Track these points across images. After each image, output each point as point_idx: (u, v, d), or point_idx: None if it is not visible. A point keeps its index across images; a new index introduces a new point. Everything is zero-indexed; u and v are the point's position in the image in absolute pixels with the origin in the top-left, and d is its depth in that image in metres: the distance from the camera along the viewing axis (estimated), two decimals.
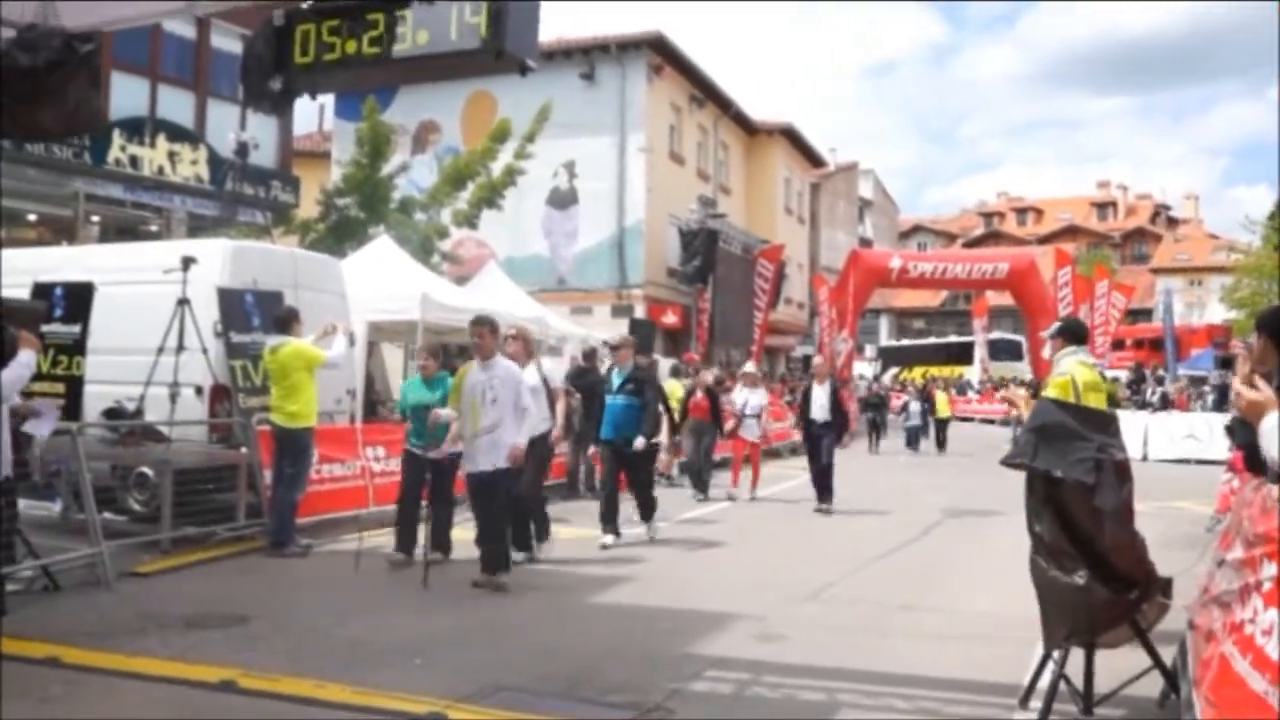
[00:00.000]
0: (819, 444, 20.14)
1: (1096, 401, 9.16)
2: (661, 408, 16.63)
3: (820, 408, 20.18)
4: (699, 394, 22.11)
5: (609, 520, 15.00)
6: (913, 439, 37.78)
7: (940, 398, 39.54)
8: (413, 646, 9.05)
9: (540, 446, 13.85)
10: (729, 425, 22.91)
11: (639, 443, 14.83)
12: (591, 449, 17.27)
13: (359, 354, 18.99)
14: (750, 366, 24.69)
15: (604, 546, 14.57)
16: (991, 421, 50.03)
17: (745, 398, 22.35)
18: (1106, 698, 6.97)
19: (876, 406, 39.50)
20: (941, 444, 37.87)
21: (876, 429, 38.38)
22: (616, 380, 15.25)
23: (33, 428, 10.82)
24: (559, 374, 18.70)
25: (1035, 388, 34.21)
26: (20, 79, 7.74)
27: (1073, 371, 9.49)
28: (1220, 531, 9.28)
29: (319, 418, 14.25)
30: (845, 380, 20.75)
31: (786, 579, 12.51)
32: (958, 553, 14.73)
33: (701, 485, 21.64)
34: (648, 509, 15.67)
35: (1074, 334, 10.19)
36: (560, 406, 15.24)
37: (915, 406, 38.88)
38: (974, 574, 11.96)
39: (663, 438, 16.45)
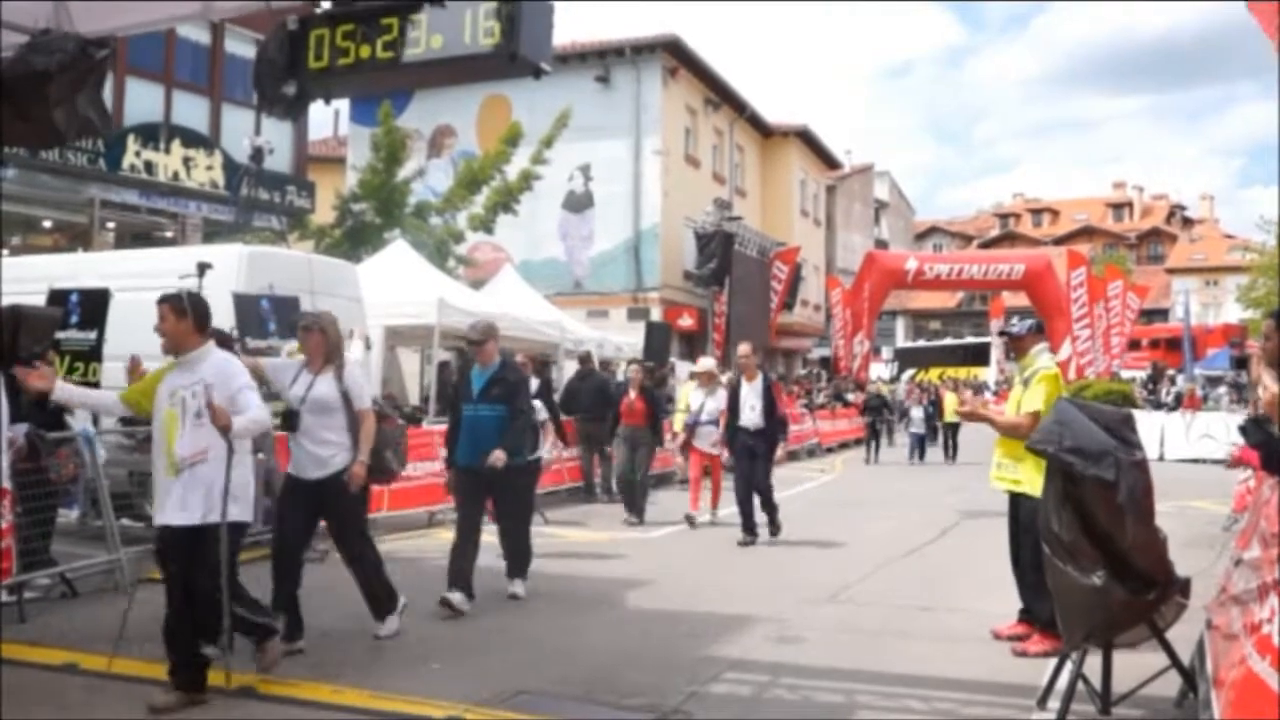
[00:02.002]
0: (752, 460, 16.19)
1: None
2: (548, 417, 15.49)
3: (752, 411, 16.17)
4: (632, 394, 18.79)
5: (459, 581, 10.86)
6: (917, 448, 33.50)
7: (949, 400, 33.67)
8: (430, 651, 9.07)
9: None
10: (680, 435, 18.32)
11: (496, 456, 10.56)
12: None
13: (375, 359, 19.01)
14: (706, 363, 19.21)
15: (450, 606, 10.61)
16: None
17: (700, 401, 17.66)
18: (1124, 697, 6.95)
19: (876, 410, 35.45)
20: (951, 452, 33.32)
21: (876, 437, 34.54)
22: (477, 384, 11.09)
23: None
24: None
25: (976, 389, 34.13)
26: (29, 83, 7.75)
27: (1054, 367, 9.56)
28: (1238, 531, 9.26)
29: None
30: (779, 388, 16.66)
31: (804, 581, 12.51)
32: (975, 554, 14.69)
33: (635, 506, 18.05)
34: (518, 558, 11.66)
35: (1044, 330, 10.25)
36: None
37: (918, 412, 34.70)
38: (991, 575, 11.91)
39: (544, 451, 13.85)
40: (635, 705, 7.63)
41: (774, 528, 16.20)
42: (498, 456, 10.60)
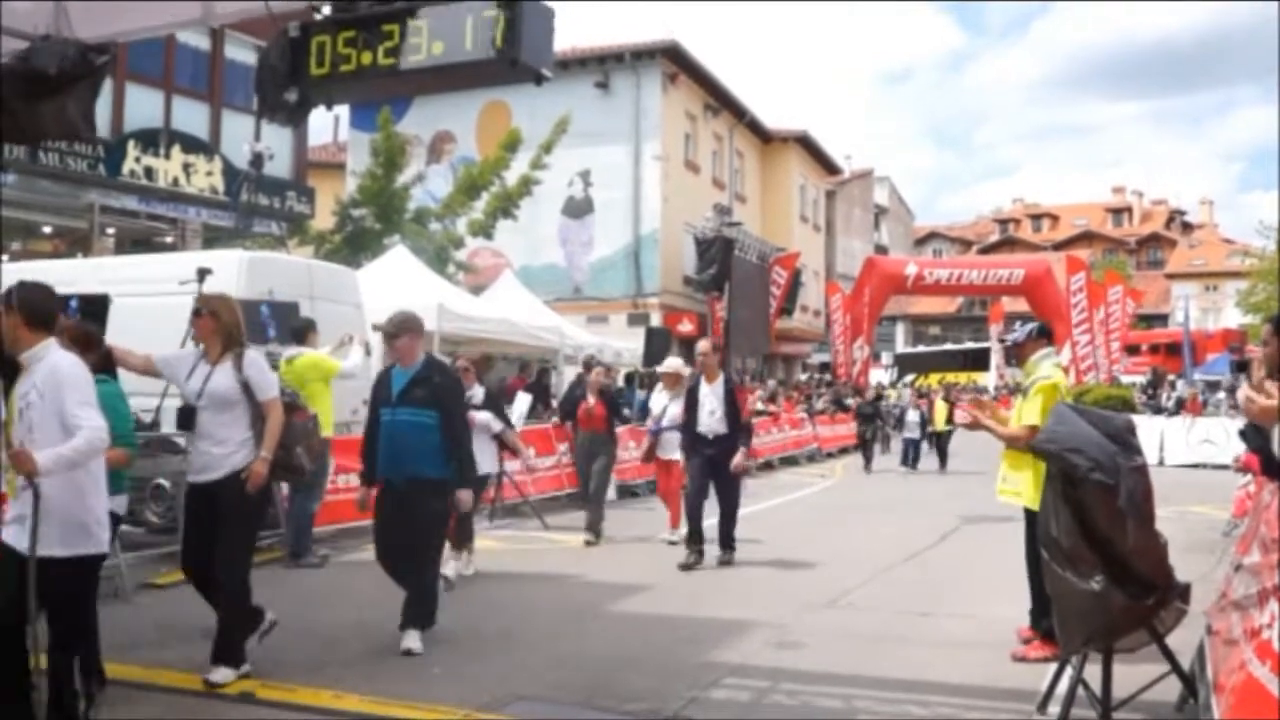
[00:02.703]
0: (711, 471, 14.30)
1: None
2: (500, 424, 14.10)
3: (711, 416, 14.27)
4: (591, 399, 16.89)
5: (417, 620, 9.47)
6: (909, 455, 32.13)
7: (938, 407, 32.77)
8: (431, 656, 9.06)
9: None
10: (644, 443, 17.06)
11: (462, 498, 9.80)
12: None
13: (375, 364, 19.02)
14: (673, 363, 17.25)
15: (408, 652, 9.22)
16: None
17: (663, 405, 16.14)
18: (1124, 702, 6.96)
19: (869, 418, 33.76)
20: (943, 460, 31.88)
21: (867, 444, 32.96)
22: (397, 384, 9.61)
23: None
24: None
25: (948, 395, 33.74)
26: (22, 85, 7.76)
27: (1054, 375, 9.47)
28: (1237, 536, 9.27)
29: (335, 428, 14.27)
30: (743, 395, 15.66)
31: (804, 586, 12.51)
32: (975, 559, 14.71)
33: (594, 525, 16.18)
34: (417, 604, 9.50)
35: (1050, 335, 10.17)
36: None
37: (913, 416, 33.33)
38: (991, 580, 11.92)
39: (486, 465, 13.04)
40: (635, 710, 7.64)
41: (726, 549, 14.35)
42: (465, 500, 9.83)
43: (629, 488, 22.24)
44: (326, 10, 7.60)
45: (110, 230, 26.86)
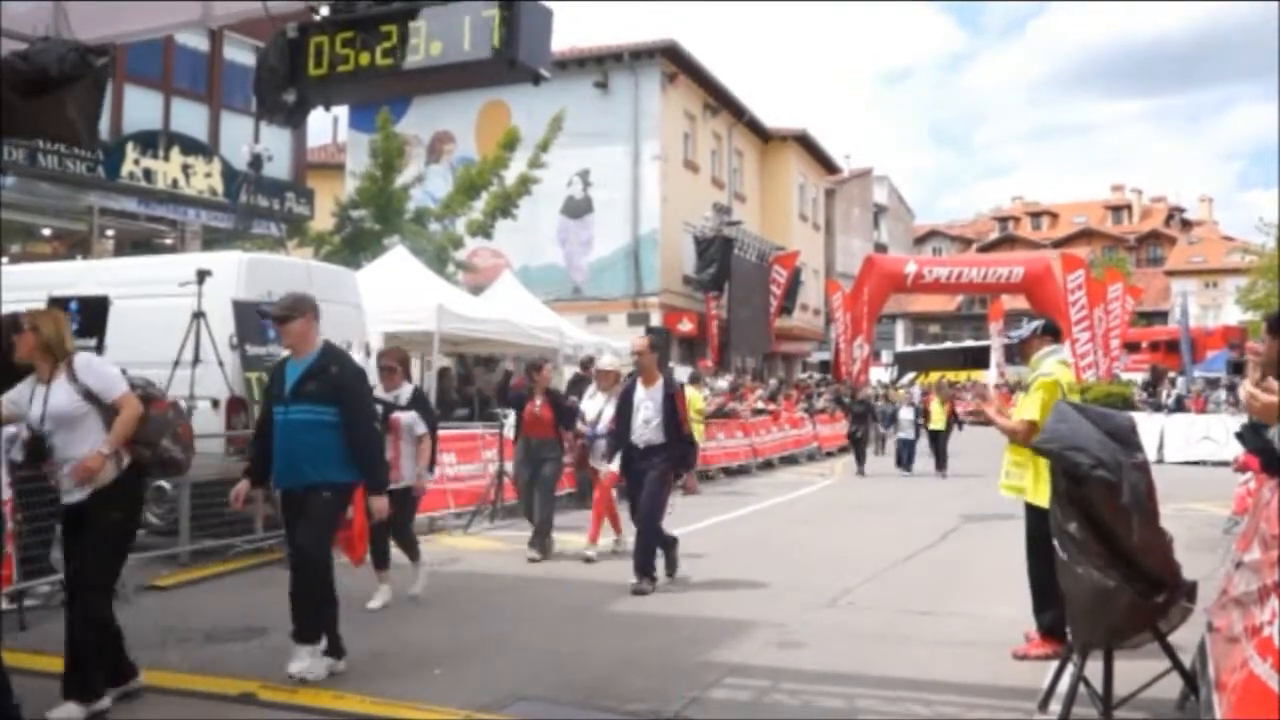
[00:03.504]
0: (645, 483, 12.55)
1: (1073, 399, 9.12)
2: (424, 428, 11.75)
3: (645, 425, 12.58)
4: (537, 400, 14.99)
5: (329, 650, 8.48)
6: (904, 456, 30.63)
7: (935, 406, 30.85)
8: (432, 657, 9.06)
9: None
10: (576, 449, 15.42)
11: (379, 505, 8.65)
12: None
13: (375, 366, 18.99)
14: (609, 361, 16.17)
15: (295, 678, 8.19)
16: None
17: (599, 408, 14.69)
18: (1125, 700, 6.95)
19: (861, 418, 32.10)
20: (940, 461, 29.82)
21: (858, 445, 31.32)
22: (291, 377, 8.51)
23: None
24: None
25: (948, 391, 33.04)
26: (21, 84, 7.76)
27: (1056, 372, 9.47)
28: (1238, 533, 9.26)
29: None
30: (684, 402, 13.48)
31: (805, 586, 12.50)
32: (976, 557, 14.70)
33: (541, 540, 14.58)
34: (306, 617, 8.38)
35: (1056, 333, 10.16)
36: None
37: (907, 415, 31.75)
38: (992, 579, 11.93)
39: (418, 476, 11.71)
40: (636, 711, 7.63)
41: (670, 565, 12.92)
42: (380, 509, 8.59)
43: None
44: (325, 11, 7.60)
45: (110, 232, 26.84)
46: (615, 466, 13.25)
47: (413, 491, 11.71)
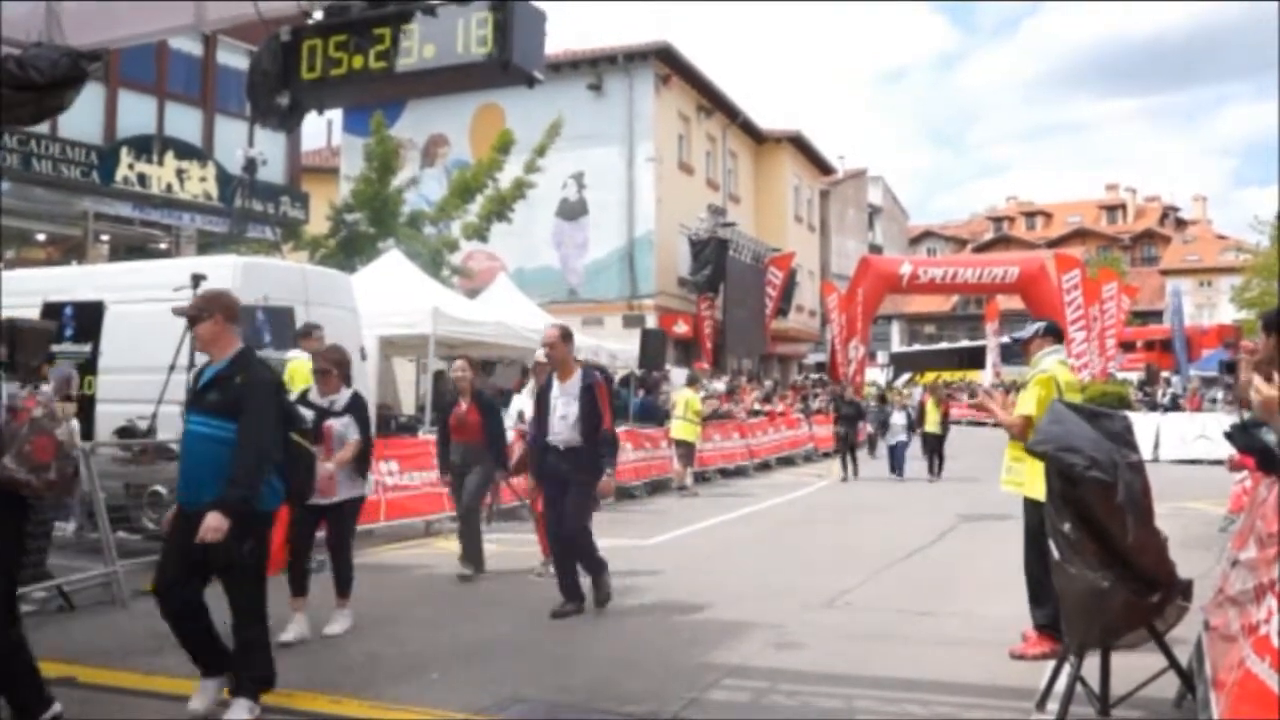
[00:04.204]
0: (563, 494, 11.15)
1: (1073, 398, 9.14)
2: (355, 432, 10.38)
3: (563, 422, 11.17)
4: (463, 404, 13.42)
5: (242, 686, 7.57)
6: (897, 462, 29.15)
7: (930, 407, 29.49)
8: (429, 660, 9.05)
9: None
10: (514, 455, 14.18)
11: (209, 525, 7.08)
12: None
13: (371, 369, 19.00)
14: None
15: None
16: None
17: (521, 409, 14.12)
18: (1123, 699, 6.96)
19: (850, 420, 29.94)
20: (936, 467, 28.52)
21: (849, 450, 29.12)
22: (202, 383, 7.71)
23: None
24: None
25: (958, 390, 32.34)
26: (12, 86, 7.75)
27: (1054, 370, 9.51)
28: (1234, 532, 9.27)
29: None
30: (605, 391, 11.64)
31: (802, 587, 12.50)
32: (973, 557, 14.70)
33: (472, 555, 13.22)
34: (242, 655, 7.65)
35: (1058, 334, 10.21)
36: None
37: (899, 419, 30.24)
38: (989, 578, 11.94)
39: (346, 487, 10.26)
40: (634, 712, 7.63)
41: (599, 592, 11.28)
42: (211, 527, 7.04)
43: (626, 489, 22.23)
44: (318, 15, 7.60)
45: (104, 237, 26.83)
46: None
47: (345, 507, 10.32)
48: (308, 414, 9.76)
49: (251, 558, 7.54)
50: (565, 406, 11.19)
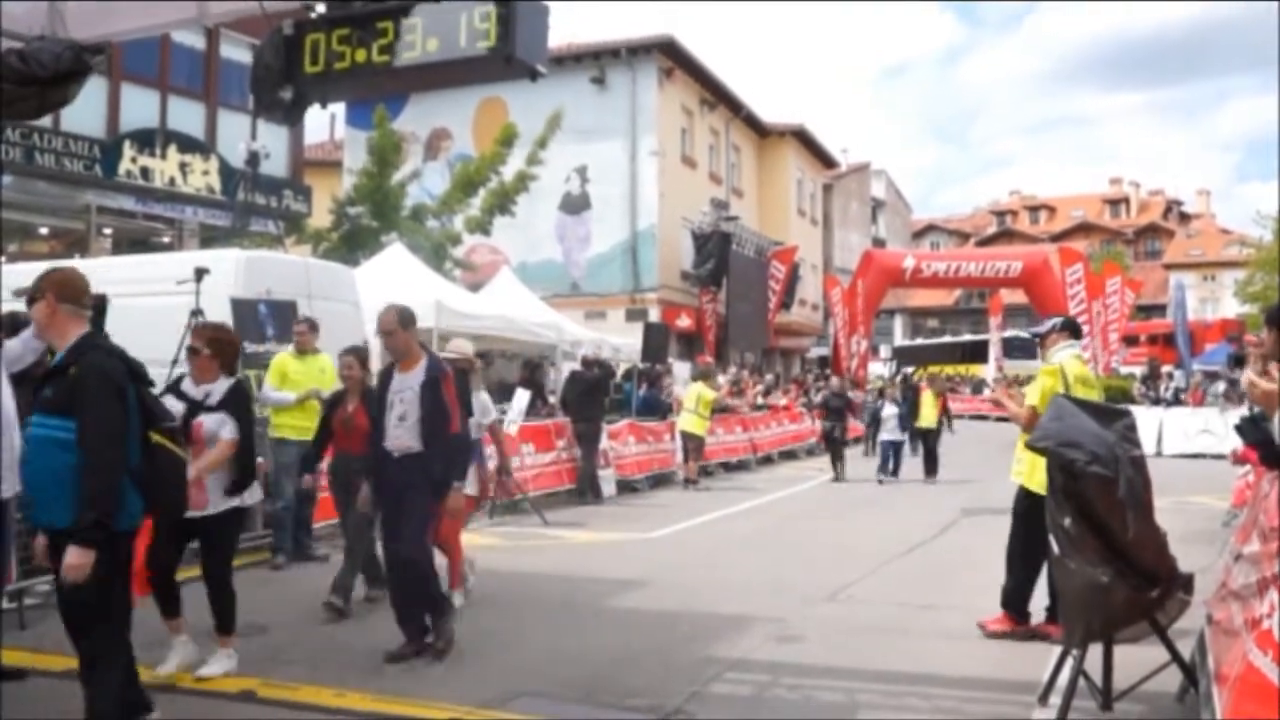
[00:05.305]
0: (398, 507, 9.16)
1: (1086, 395, 9.17)
2: (229, 430, 8.43)
3: (401, 423, 9.10)
4: (350, 405, 11.07)
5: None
6: (889, 461, 26.55)
7: (926, 400, 27.40)
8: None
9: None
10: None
11: (38, 543, 6.53)
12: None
13: (373, 363, 18.97)
14: (458, 345, 12.80)
15: None
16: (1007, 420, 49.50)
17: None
18: (1125, 693, 6.96)
19: (838, 414, 27.68)
20: (930, 465, 26.34)
21: (837, 447, 27.07)
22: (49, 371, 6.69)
23: None
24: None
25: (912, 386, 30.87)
26: (15, 80, 7.75)
27: (1064, 363, 9.57)
28: (1237, 526, 9.27)
29: None
30: (451, 385, 9.22)
31: (804, 581, 12.50)
32: (975, 551, 14.67)
33: (372, 574, 11.06)
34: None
35: (1074, 329, 10.26)
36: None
37: (890, 411, 27.07)
38: (991, 572, 11.92)
39: (218, 496, 8.29)
40: (636, 706, 7.64)
41: (438, 639, 9.05)
42: (71, 564, 5.94)
43: (629, 483, 22.24)
44: (321, 8, 7.60)
45: (107, 231, 26.87)
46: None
47: (220, 522, 8.39)
48: (177, 407, 8.10)
49: (103, 592, 6.14)
50: (404, 405, 9.10)
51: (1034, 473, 9.19)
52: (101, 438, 6.02)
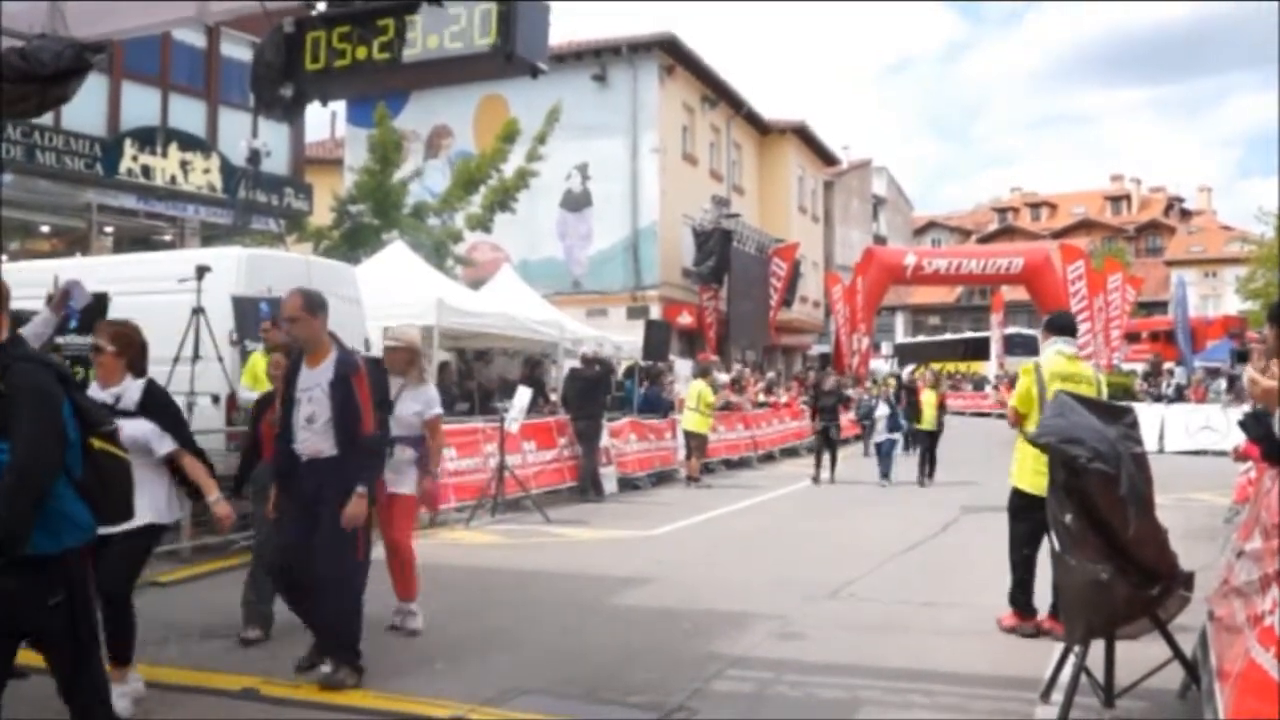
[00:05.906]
0: (304, 519, 8.18)
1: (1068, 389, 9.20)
2: (172, 443, 7.86)
3: (309, 425, 8.25)
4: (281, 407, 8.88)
5: None
6: (885, 463, 25.26)
7: (926, 399, 26.07)
8: (434, 651, 9.06)
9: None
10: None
11: None
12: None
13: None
14: (405, 334, 11.13)
15: None
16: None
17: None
18: (1127, 690, 6.96)
19: (831, 411, 26.35)
20: (928, 467, 25.04)
21: (830, 447, 25.94)
22: None
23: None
24: None
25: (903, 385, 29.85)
26: (16, 78, 7.74)
27: (1045, 360, 9.67)
28: (1239, 523, 9.27)
29: None
30: (364, 381, 8.28)
31: (806, 578, 12.49)
32: (977, 548, 14.67)
33: (258, 615, 9.40)
34: None
35: (1057, 326, 10.33)
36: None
37: (883, 411, 25.71)
38: (993, 569, 11.93)
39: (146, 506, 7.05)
40: (639, 703, 7.64)
41: (333, 673, 7.95)
42: None
43: (630, 480, 22.25)
44: (321, 6, 7.58)
45: (108, 229, 26.86)
46: (404, 486, 9.70)
47: (130, 538, 7.22)
48: None
49: (63, 616, 5.35)
50: (313, 404, 8.24)
51: (1023, 472, 9.30)
52: (30, 455, 5.04)
